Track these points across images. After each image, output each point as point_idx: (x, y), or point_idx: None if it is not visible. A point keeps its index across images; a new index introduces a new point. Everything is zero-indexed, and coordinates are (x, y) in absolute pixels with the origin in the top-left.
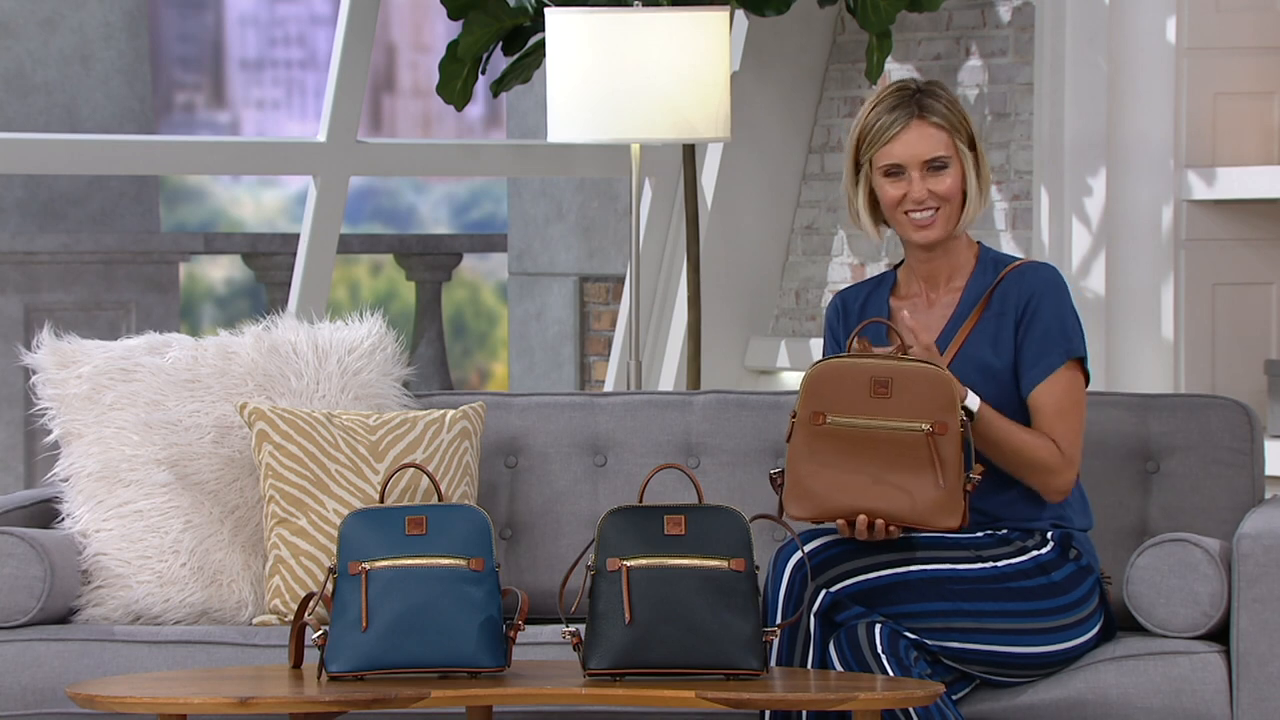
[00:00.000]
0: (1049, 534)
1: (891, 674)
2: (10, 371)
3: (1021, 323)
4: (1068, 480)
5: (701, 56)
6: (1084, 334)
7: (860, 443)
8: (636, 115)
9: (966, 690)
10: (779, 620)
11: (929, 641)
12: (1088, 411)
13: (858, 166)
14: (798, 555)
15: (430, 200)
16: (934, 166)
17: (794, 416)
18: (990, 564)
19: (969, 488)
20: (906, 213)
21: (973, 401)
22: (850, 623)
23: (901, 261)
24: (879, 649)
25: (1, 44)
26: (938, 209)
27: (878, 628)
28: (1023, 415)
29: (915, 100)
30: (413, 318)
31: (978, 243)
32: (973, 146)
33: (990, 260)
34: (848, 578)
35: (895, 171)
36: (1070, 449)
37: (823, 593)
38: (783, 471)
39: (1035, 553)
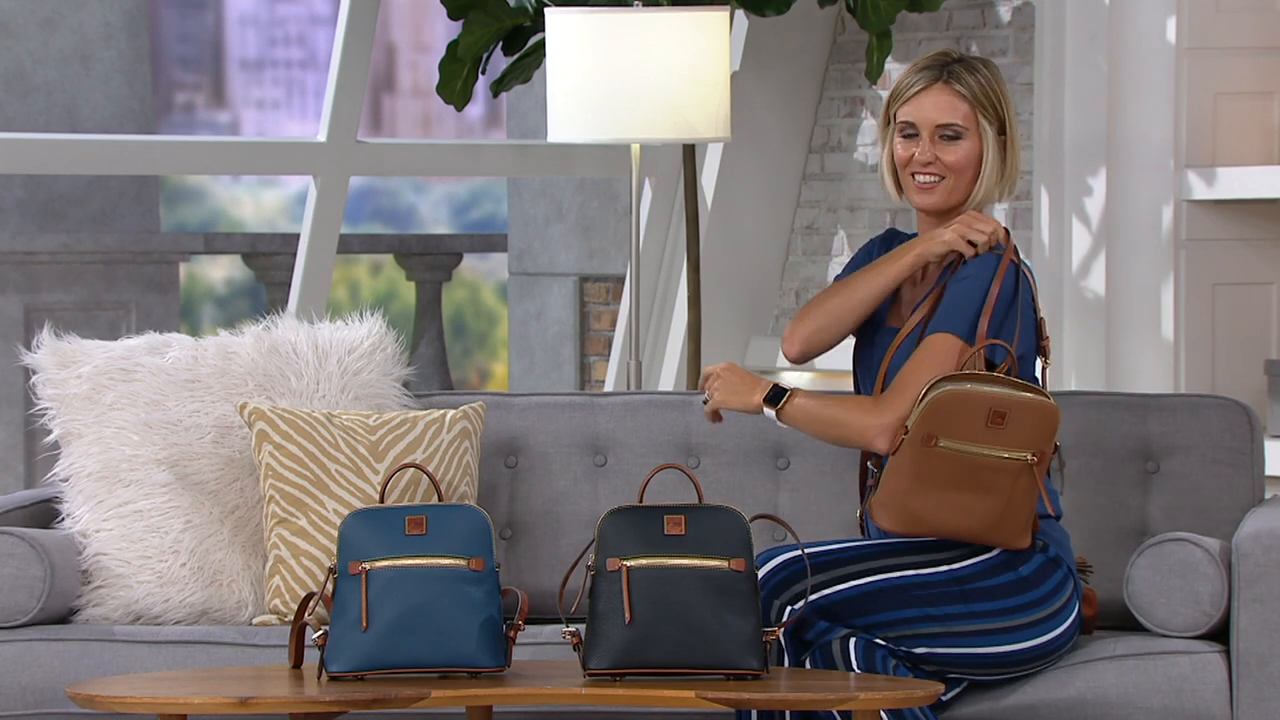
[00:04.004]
0: None
1: None
2: (10, 371)
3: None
4: (880, 422)
5: (701, 56)
6: (981, 317)
7: (965, 467)
8: (636, 115)
9: (957, 690)
10: None
11: (902, 648)
12: (1087, 411)
13: (888, 123)
14: (769, 565)
15: (430, 200)
16: (946, 134)
17: (904, 433)
18: (957, 564)
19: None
20: (912, 174)
21: (769, 411)
22: (820, 640)
23: None
24: (854, 666)
25: (1, 44)
26: (943, 178)
27: (852, 642)
28: None
29: (947, 67)
30: (413, 318)
31: None
32: (1003, 130)
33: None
34: (811, 592)
35: (909, 131)
36: (890, 394)
37: (787, 610)
38: (877, 478)
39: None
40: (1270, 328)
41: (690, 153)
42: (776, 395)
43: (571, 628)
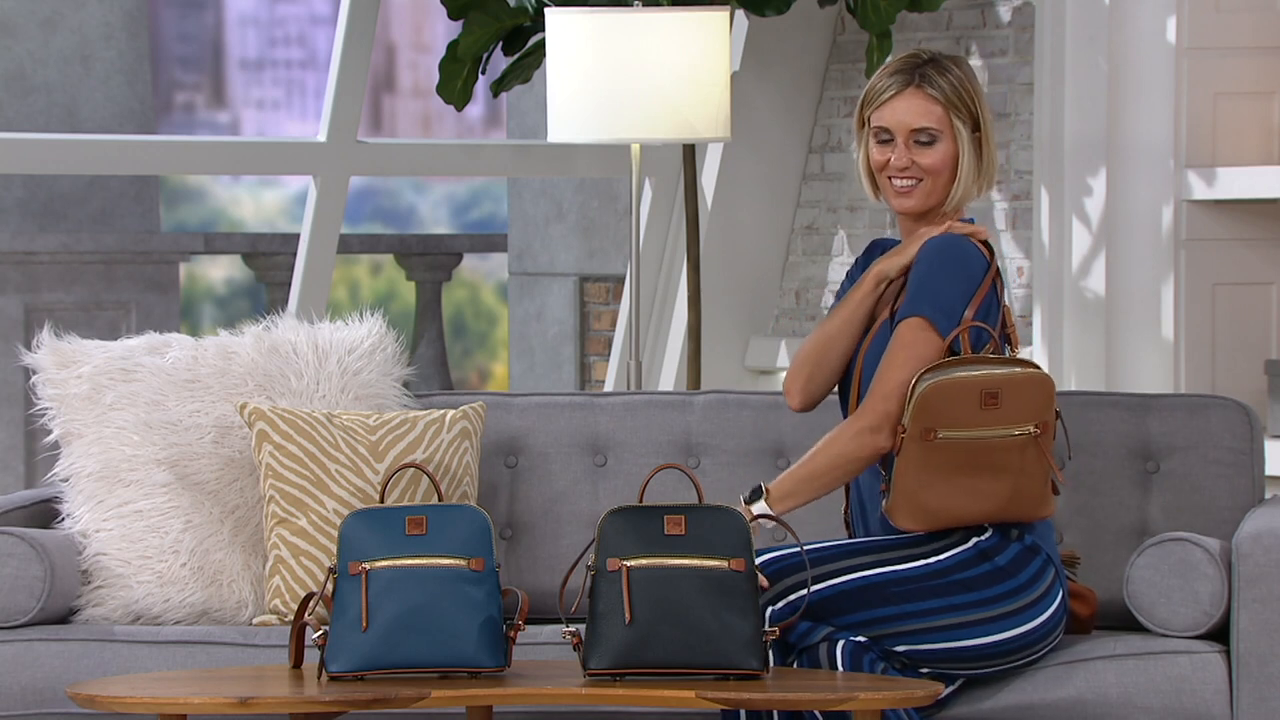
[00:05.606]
0: None
1: None
2: (10, 371)
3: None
4: (878, 439)
5: (701, 56)
6: (952, 298)
7: (970, 452)
8: (636, 115)
9: (953, 688)
10: None
11: (883, 646)
12: (1087, 411)
13: (862, 125)
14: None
15: (430, 200)
16: (921, 138)
17: (902, 431)
18: (933, 558)
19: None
20: (889, 179)
21: (760, 507)
22: (803, 642)
23: None
24: (841, 668)
25: (1, 44)
26: (920, 180)
27: (839, 646)
28: None
29: (919, 70)
30: (413, 318)
31: None
32: (977, 129)
33: None
34: (789, 593)
35: (884, 136)
36: (869, 395)
37: (768, 610)
38: (889, 481)
39: (977, 539)
40: (1270, 328)
41: (690, 153)
42: (754, 494)
43: (571, 628)
